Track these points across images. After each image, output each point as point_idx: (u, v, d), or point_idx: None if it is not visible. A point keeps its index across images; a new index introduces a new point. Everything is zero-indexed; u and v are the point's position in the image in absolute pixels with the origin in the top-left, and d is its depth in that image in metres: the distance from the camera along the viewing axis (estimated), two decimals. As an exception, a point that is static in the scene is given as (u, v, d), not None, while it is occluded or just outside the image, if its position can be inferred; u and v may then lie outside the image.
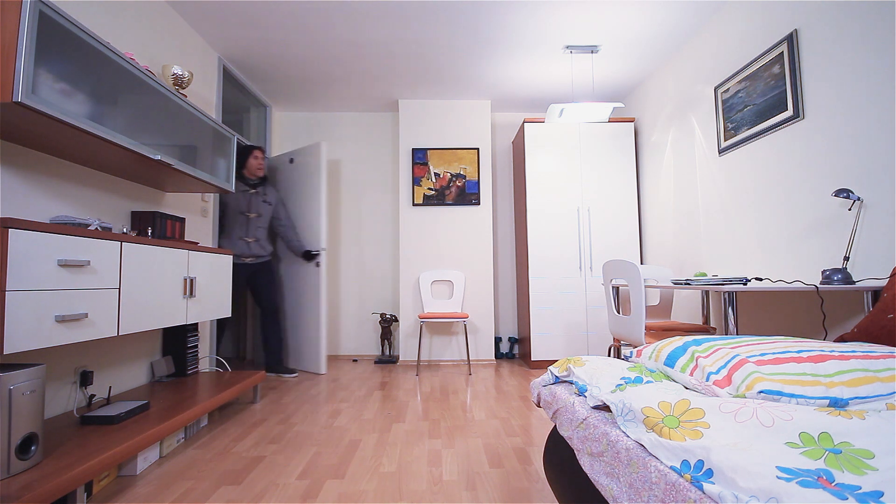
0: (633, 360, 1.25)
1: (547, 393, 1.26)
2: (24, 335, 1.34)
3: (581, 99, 4.14)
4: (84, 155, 1.88)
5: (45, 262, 1.42)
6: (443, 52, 3.33)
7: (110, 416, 1.74)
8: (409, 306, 4.09)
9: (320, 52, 3.30)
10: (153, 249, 1.96)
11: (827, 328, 2.06)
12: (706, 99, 2.95)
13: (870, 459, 0.60)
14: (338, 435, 2.17)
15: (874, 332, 1.33)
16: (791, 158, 2.27)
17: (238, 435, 2.17)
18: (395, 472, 1.74)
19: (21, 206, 1.73)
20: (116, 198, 2.24)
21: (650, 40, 3.16)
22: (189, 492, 1.58)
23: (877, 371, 0.83)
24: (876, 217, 1.84)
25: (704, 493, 0.64)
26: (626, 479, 0.81)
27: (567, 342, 3.76)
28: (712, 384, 0.91)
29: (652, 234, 3.71)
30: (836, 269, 1.85)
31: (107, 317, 1.67)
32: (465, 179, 4.16)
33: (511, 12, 2.82)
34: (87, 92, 1.62)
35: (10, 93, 1.34)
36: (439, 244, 4.13)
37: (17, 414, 1.28)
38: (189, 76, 2.44)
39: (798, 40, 2.21)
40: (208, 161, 2.46)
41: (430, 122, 4.22)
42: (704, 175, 2.98)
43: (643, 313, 2.20)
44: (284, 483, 1.65)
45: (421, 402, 2.76)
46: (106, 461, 1.44)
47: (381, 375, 3.57)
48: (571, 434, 1.04)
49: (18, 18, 1.36)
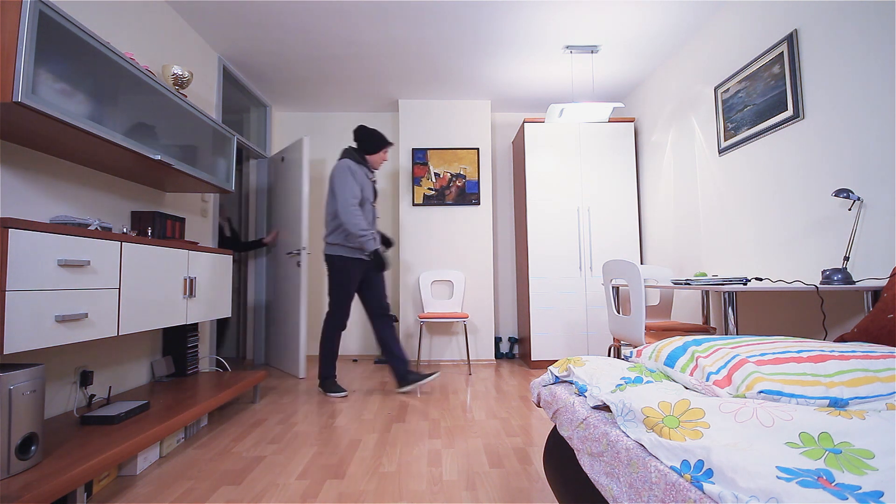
0: (633, 360, 1.25)
1: (547, 393, 1.26)
2: (24, 335, 1.34)
3: (581, 99, 4.14)
4: (84, 155, 1.88)
5: (45, 262, 1.42)
6: (443, 52, 3.33)
7: (110, 416, 1.74)
8: (409, 306, 4.09)
9: (320, 52, 3.30)
10: (153, 249, 1.96)
11: (827, 328, 2.06)
12: (706, 99, 2.95)
13: (870, 459, 0.60)
14: (338, 435, 2.16)
15: (874, 332, 1.33)
16: (791, 158, 2.27)
17: (238, 435, 2.17)
18: (395, 472, 1.74)
19: (21, 206, 1.73)
20: (116, 198, 2.24)
21: (650, 40, 3.16)
22: (189, 492, 1.58)
23: (877, 371, 0.83)
24: (876, 217, 1.84)
25: (704, 493, 0.64)
26: (626, 479, 0.81)
27: (567, 342, 3.76)
28: (712, 384, 0.91)
29: (652, 234, 3.71)
30: (836, 269, 1.85)
31: (107, 317, 1.67)
32: (465, 179, 4.16)
33: (511, 12, 2.82)
34: (87, 92, 1.62)
35: (10, 93, 1.34)
36: (439, 244, 4.13)
37: (17, 414, 1.28)
38: (189, 76, 2.44)
39: (798, 40, 2.21)
40: (208, 161, 2.46)
41: (430, 122, 4.22)
42: (704, 175, 2.98)
43: (643, 313, 2.20)
44: (284, 483, 1.65)
45: (421, 402, 2.76)
46: (106, 461, 1.44)
47: (381, 375, 3.57)
48: (571, 434, 1.04)
49: (18, 18, 1.36)
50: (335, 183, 2.87)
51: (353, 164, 2.87)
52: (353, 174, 2.85)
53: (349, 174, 2.84)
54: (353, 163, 2.89)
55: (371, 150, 2.99)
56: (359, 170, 2.89)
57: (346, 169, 2.84)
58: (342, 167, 2.86)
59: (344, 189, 2.81)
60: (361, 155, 2.99)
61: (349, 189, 2.81)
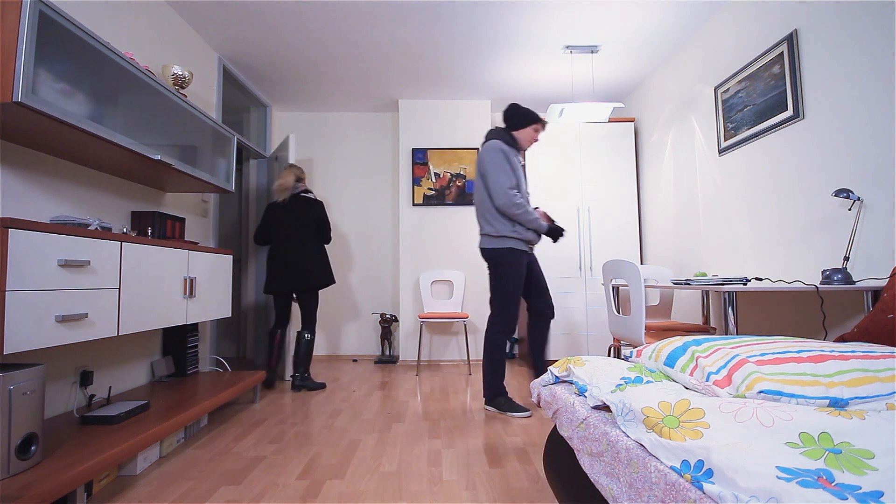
0: (633, 360, 1.25)
1: (547, 393, 1.26)
2: (25, 335, 1.34)
3: (581, 99, 4.14)
4: (84, 155, 1.87)
5: (46, 262, 1.42)
6: (443, 52, 3.33)
7: (110, 416, 1.74)
8: (409, 306, 4.09)
9: (320, 52, 3.30)
10: (153, 249, 1.96)
11: (827, 328, 2.06)
12: (706, 99, 2.95)
13: (870, 459, 0.60)
14: (338, 435, 2.16)
15: (874, 332, 1.33)
16: (791, 158, 2.27)
17: (238, 435, 2.17)
18: (395, 472, 1.74)
19: (21, 206, 1.73)
20: (116, 198, 2.24)
21: (650, 40, 3.16)
22: (189, 492, 1.58)
23: (877, 371, 0.83)
24: (876, 217, 1.84)
25: (704, 493, 0.64)
26: (626, 479, 0.81)
27: (567, 342, 3.76)
28: (712, 384, 0.91)
29: (652, 234, 3.71)
30: (836, 269, 1.85)
31: (107, 317, 1.67)
32: (465, 179, 4.16)
33: (511, 12, 2.82)
34: (87, 92, 1.62)
35: (10, 93, 1.34)
36: (439, 244, 4.13)
37: (17, 414, 1.28)
38: (189, 76, 2.44)
39: (798, 40, 2.21)
40: (208, 161, 2.46)
41: (430, 122, 4.22)
42: (704, 175, 2.98)
43: (643, 313, 2.20)
44: (284, 483, 1.65)
45: (421, 402, 2.76)
46: (106, 461, 1.44)
47: (381, 375, 3.57)
48: (571, 434, 1.04)
49: (18, 18, 1.36)
50: (486, 167, 2.46)
51: (504, 146, 2.47)
52: (506, 156, 2.45)
53: (502, 156, 2.44)
54: (505, 144, 2.49)
55: (519, 125, 2.57)
56: (511, 152, 2.49)
57: (497, 150, 2.45)
58: (493, 149, 2.46)
59: (498, 173, 2.42)
60: (510, 133, 2.58)
61: (504, 173, 2.42)
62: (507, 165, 2.44)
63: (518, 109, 2.59)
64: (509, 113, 2.60)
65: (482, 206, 2.54)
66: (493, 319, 2.51)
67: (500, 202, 2.42)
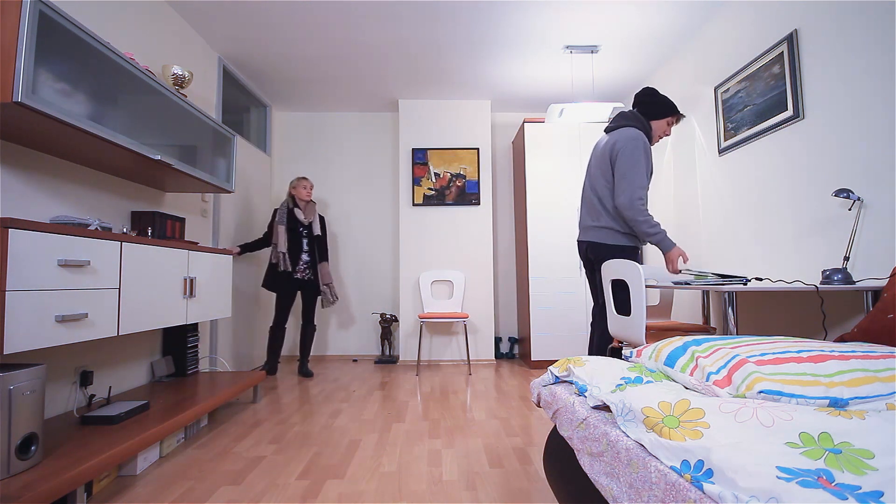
0: (633, 360, 1.25)
1: (547, 393, 1.26)
2: (25, 335, 1.34)
3: (581, 99, 4.14)
4: (84, 155, 1.87)
5: (46, 262, 1.42)
6: (443, 52, 3.33)
7: (110, 416, 1.74)
8: (409, 306, 4.09)
9: (320, 52, 3.30)
10: (153, 249, 1.96)
11: (827, 328, 2.06)
12: (706, 99, 2.95)
13: (870, 459, 0.60)
14: (338, 435, 2.16)
15: (874, 332, 1.33)
16: (791, 158, 2.27)
17: (238, 435, 2.17)
18: (395, 472, 1.74)
19: (21, 206, 1.73)
20: (116, 198, 2.24)
21: (650, 40, 3.16)
22: (189, 492, 1.58)
23: (877, 371, 0.83)
24: (876, 217, 1.84)
25: (704, 493, 0.64)
26: (626, 479, 0.81)
27: (567, 342, 3.76)
28: (712, 384, 0.91)
29: (652, 234, 3.71)
30: (836, 269, 1.85)
31: (107, 317, 1.67)
32: (465, 179, 4.16)
33: (511, 12, 2.82)
34: (87, 92, 1.62)
35: (10, 93, 1.34)
36: (439, 244, 4.13)
37: (17, 414, 1.28)
38: (189, 76, 2.44)
39: (798, 40, 2.21)
40: (208, 161, 2.46)
41: (430, 122, 4.22)
42: (704, 175, 2.98)
43: (643, 313, 2.20)
44: (284, 483, 1.65)
45: (421, 402, 2.76)
46: (106, 461, 1.44)
47: (381, 375, 3.57)
48: (571, 434, 1.04)
49: (18, 18, 1.36)
50: (625, 161, 2.07)
51: (646, 139, 2.13)
52: (646, 154, 2.09)
53: (643, 153, 2.08)
54: (646, 136, 2.16)
55: (656, 114, 2.22)
56: (649, 146, 2.14)
57: (641, 143, 2.09)
58: (636, 140, 2.09)
59: (635, 172, 2.05)
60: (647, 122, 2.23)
61: (640, 173, 2.05)
62: (645, 164, 2.09)
63: (657, 96, 2.25)
64: (646, 99, 2.25)
65: (592, 196, 2.23)
66: (596, 321, 2.37)
67: (623, 201, 2.06)
